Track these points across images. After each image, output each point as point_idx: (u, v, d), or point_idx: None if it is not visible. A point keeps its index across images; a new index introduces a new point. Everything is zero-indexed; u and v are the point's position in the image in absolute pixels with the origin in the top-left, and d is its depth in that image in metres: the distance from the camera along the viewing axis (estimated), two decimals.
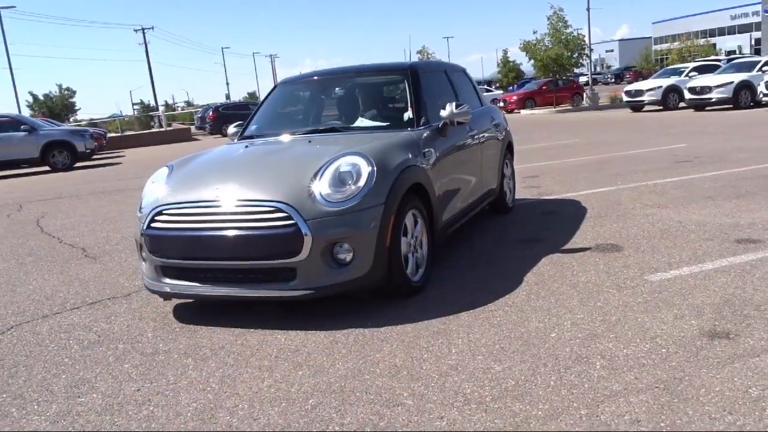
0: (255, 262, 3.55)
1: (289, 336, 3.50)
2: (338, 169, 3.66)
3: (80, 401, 2.93)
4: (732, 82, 18.86)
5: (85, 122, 37.18)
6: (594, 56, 60.69)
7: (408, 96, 4.67)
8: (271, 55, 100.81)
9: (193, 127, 33.92)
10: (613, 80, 59.37)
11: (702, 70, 21.72)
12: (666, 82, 21.46)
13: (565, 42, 25.64)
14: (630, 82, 34.17)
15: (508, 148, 6.45)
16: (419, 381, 2.82)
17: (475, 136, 5.31)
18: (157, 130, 32.43)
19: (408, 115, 4.55)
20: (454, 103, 4.57)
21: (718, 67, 21.69)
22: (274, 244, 3.48)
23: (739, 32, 62.60)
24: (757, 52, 50.20)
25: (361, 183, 3.59)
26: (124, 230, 7.26)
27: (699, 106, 19.68)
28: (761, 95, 17.83)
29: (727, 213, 5.57)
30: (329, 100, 5.18)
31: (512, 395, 2.62)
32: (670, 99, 21.20)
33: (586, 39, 27.48)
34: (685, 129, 14.44)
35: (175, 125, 37.15)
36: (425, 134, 4.40)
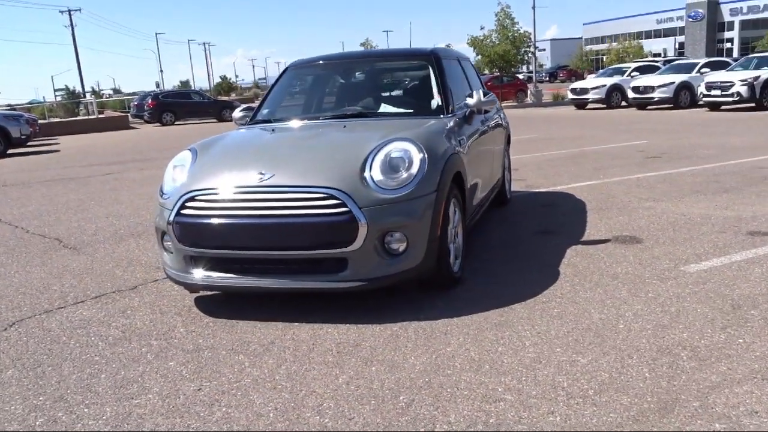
0: (303, 251, 3.34)
1: (341, 330, 3.32)
2: (389, 155, 3.49)
3: (136, 403, 2.67)
4: (673, 83, 19.63)
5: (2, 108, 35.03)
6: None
7: (434, 82, 4.53)
8: (205, 43, 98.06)
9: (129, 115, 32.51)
10: (547, 78, 60.94)
11: (643, 70, 22.52)
12: (609, 81, 22.12)
13: (512, 39, 26.04)
14: (564, 81, 35.03)
15: (507, 139, 6.43)
16: (508, 375, 2.71)
17: (489, 126, 5.23)
18: (87, 117, 30.84)
19: (436, 101, 4.42)
20: (481, 91, 4.47)
21: (658, 68, 22.54)
22: (326, 233, 3.29)
23: (665, 36, 65.44)
24: (681, 54, 52.57)
25: (414, 170, 3.43)
26: (96, 220, 6.82)
27: (642, 104, 20.39)
28: (701, 95, 18.61)
29: (724, 206, 5.71)
30: (349, 85, 4.98)
31: (613, 388, 2.54)
32: (614, 97, 21.88)
33: (532, 37, 27.97)
34: (635, 126, 14.89)
35: (108, 113, 35.50)
36: (456, 122, 4.28)
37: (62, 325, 3.68)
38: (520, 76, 37.35)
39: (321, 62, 5.17)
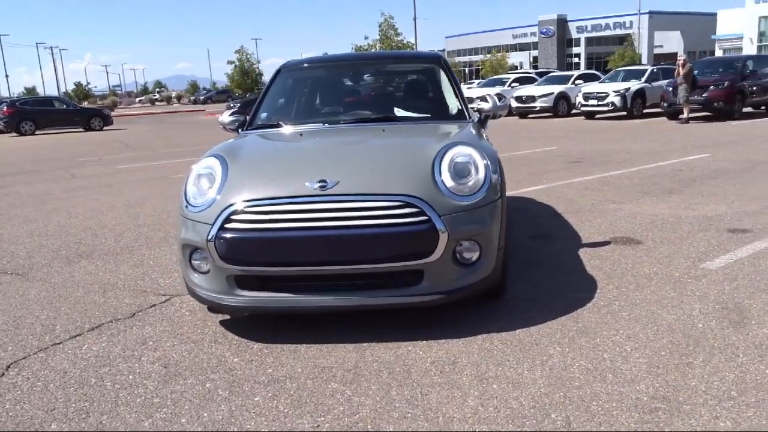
0: (376, 265, 3.07)
1: (420, 347, 3.10)
2: (453, 159, 3.32)
3: None
4: (553, 93, 20.88)
5: None
6: None
7: (450, 86, 4.41)
8: (53, 47, 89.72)
9: None
10: None
11: (522, 81, 23.76)
12: (493, 90, 23.08)
13: (396, 49, 26.44)
14: None
15: None
16: (639, 383, 2.64)
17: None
18: None
19: (456, 106, 4.30)
20: (495, 95, 4.39)
21: (535, 79, 23.86)
22: (403, 244, 3.05)
23: (520, 50, 69.68)
24: (535, 68, 56.13)
25: (481, 175, 3.29)
26: (19, 241, 6.00)
27: (524, 113, 21.44)
28: (579, 105, 19.93)
29: (683, 207, 6.07)
30: (357, 88, 4.72)
31: (751, 387, 2.55)
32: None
33: (415, 47, 28.61)
34: (532, 134, 15.62)
35: None
36: (477, 127, 4.19)
37: (76, 363, 3.13)
38: None
39: (320, 64, 4.87)
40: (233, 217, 3.12)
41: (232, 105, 34.29)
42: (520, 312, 3.49)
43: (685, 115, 16.29)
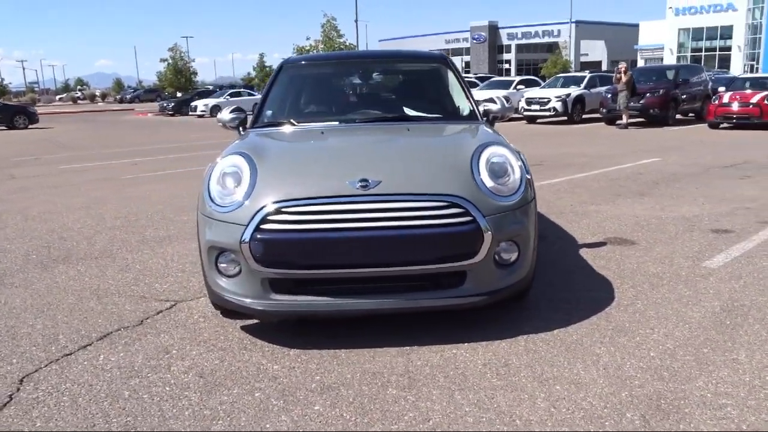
0: (419, 267, 3.01)
1: (466, 349, 3.06)
2: (489, 159, 3.30)
3: None
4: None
5: None
6: None
7: (460, 87, 4.39)
8: None
9: None
10: None
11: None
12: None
13: (338, 50, 26.29)
14: None
15: None
16: (707, 380, 2.67)
17: None
18: None
19: (468, 106, 4.27)
20: (502, 97, 4.41)
21: (476, 84, 24.25)
22: (449, 245, 3.00)
23: (453, 55, 70.68)
24: (467, 73, 57.09)
25: (517, 176, 3.28)
26: None
27: None
28: (522, 109, 20.39)
29: (659, 208, 6.28)
30: (366, 87, 4.61)
31: None
32: None
33: (357, 49, 28.53)
34: None
35: None
36: (491, 127, 4.19)
37: (99, 375, 2.92)
38: None
39: (323, 62, 4.75)
40: (270, 217, 2.98)
41: (165, 105, 33.39)
42: (548, 312, 3.49)
43: (624, 121, 16.93)
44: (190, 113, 31.75)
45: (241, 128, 4.39)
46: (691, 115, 19.09)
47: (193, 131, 21.63)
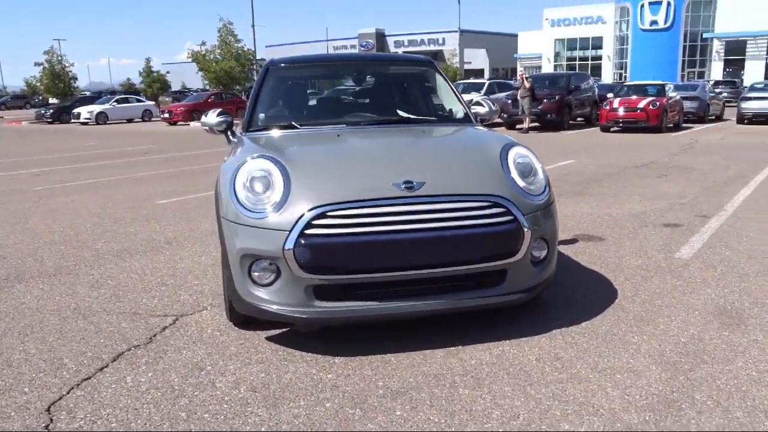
0: (466, 266, 3.04)
1: (512, 345, 3.12)
2: (515, 160, 3.38)
3: None
4: None
5: None
6: None
7: (450, 90, 4.45)
8: None
9: None
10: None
11: None
12: None
13: (236, 55, 25.67)
14: None
15: None
16: (747, 360, 2.88)
17: None
18: None
19: (462, 109, 4.34)
20: (490, 101, 4.53)
21: None
22: (493, 244, 3.05)
23: None
24: None
25: (542, 175, 3.39)
26: None
27: None
28: None
29: (605, 206, 6.67)
30: (358, 90, 4.53)
31: None
32: None
33: (254, 54, 27.94)
34: None
35: None
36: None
37: (139, 398, 2.72)
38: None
39: (313, 64, 4.64)
40: (315, 222, 2.89)
41: (43, 112, 31.14)
42: (564, 307, 3.62)
43: (525, 126, 17.78)
44: (73, 120, 29.82)
45: (229, 132, 4.21)
46: (581, 119, 20.32)
47: (84, 139, 20.38)
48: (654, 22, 45.08)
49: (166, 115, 26.93)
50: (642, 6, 45.42)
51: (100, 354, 3.18)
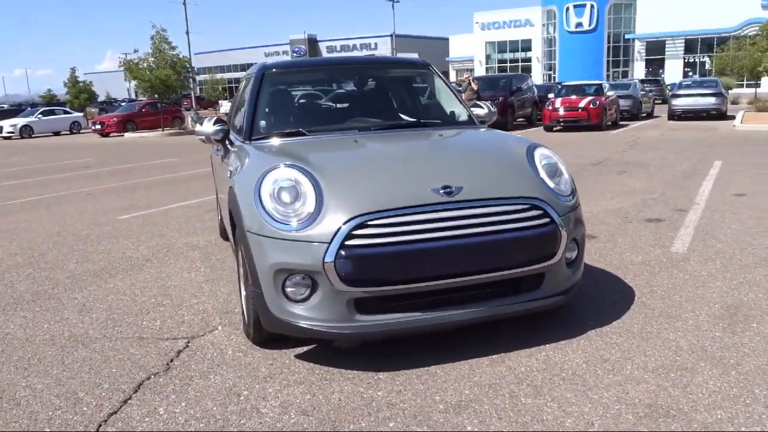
0: (507, 271, 2.98)
1: (553, 350, 3.07)
2: (541, 161, 3.35)
3: None
4: None
5: None
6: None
7: (451, 93, 4.39)
8: None
9: None
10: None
11: None
12: None
13: (171, 63, 24.87)
14: (188, 109, 34.31)
15: None
16: None
17: None
18: None
19: (465, 112, 4.28)
20: (489, 103, 4.50)
21: None
22: (534, 247, 3.00)
23: None
24: None
25: (567, 176, 3.37)
26: None
27: None
28: None
29: (582, 203, 6.73)
30: (359, 93, 4.38)
31: None
32: None
33: (190, 61, 27.14)
34: None
35: None
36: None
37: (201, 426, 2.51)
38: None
39: (310, 68, 4.49)
40: (355, 232, 2.76)
41: None
42: (589, 306, 3.61)
43: None
44: None
45: (226, 141, 4.02)
46: (522, 120, 20.74)
47: (11, 155, 19.38)
48: (579, 24, 46.63)
49: (98, 127, 25.86)
50: (567, 9, 46.90)
51: (117, 385, 2.94)
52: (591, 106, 17.49)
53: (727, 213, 5.91)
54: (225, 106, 43.36)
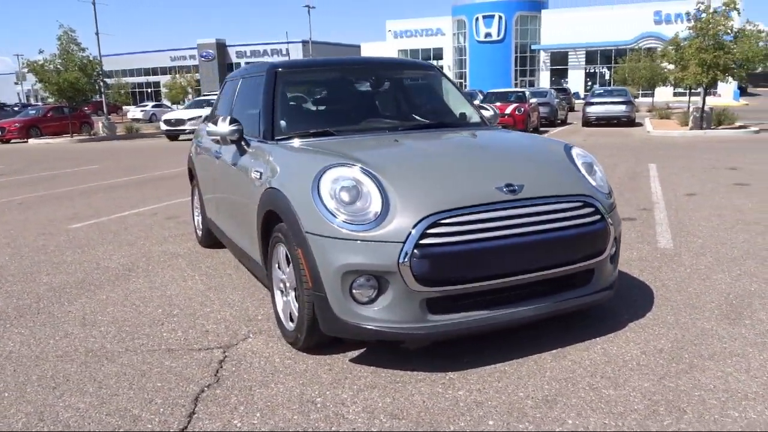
0: (565, 268, 3.05)
1: (608, 343, 3.16)
2: (579, 158, 3.45)
3: None
4: (201, 116, 21.18)
5: None
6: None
7: (459, 94, 4.44)
8: None
9: None
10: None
11: None
12: (205, 112, 22.33)
13: (81, 66, 23.52)
14: (92, 113, 32.71)
15: None
16: None
17: None
18: None
19: (474, 112, 4.35)
20: (492, 105, 4.59)
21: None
22: (590, 243, 3.08)
23: (179, 72, 67.98)
24: (198, 92, 55.52)
25: (602, 174, 3.49)
26: None
27: (174, 136, 21.86)
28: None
29: None
30: (374, 94, 4.29)
31: None
32: None
33: (100, 64, 25.77)
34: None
35: None
36: None
37: None
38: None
39: (321, 68, 4.37)
40: (429, 231, 2.74)
41: None
42: (617, 300, 3.72)
43: None
44: None
45: (242, 142, 3.87)
46: None
47: None
48: (488, 35, 48.24)
49: None
50: (477, 19, 48.43)
51: (171, 399, 2.77)
52: (516, 112, 18.10)
53: (689, 211, 6.28)
54: (133, 111, 41.60)
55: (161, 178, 11.22)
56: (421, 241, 2.71)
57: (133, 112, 40.43)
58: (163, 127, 22.09)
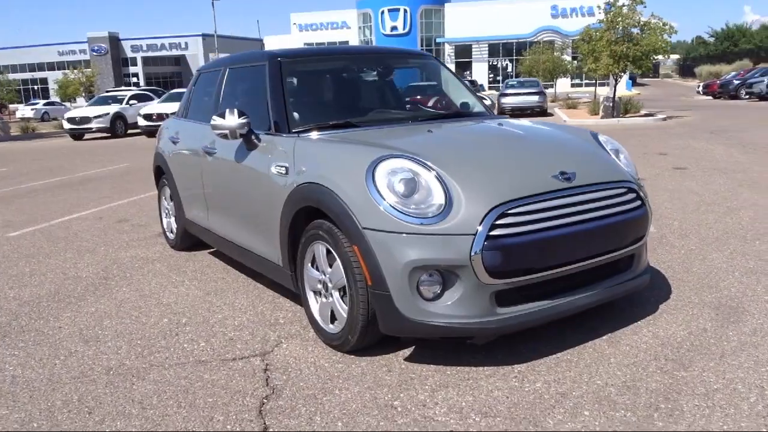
0: (615, 254, 3.08)
1: (646, 325, 3.23)
2: (607, 144, 3.50)
3: None
4: (108, 113, 20.48)
5: None
6: None
7: (460, 84, 4.41)
8: None
9: None
10: None
11: (140, 98, 22.44)
12: (112, 109, 21.15)
13: None
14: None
15: None
16: None
17: None
18: None
19: (479, 102, 4.33)
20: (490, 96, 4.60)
21: (152, 97, 22.82)
22: (636, 229, 3.13)
23: (68, 68, 63.94)
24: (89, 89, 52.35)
25: (628, 160, 3.54)
26: None
27: (79, 134, 20.67)
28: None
29: None
30: (379, 84, 4.16)
31: None
32: (118, 126, 21.06)
33: None
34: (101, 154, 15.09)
35: None
36: None
37: None
38: None
39: (325, 57, 4.18)
40: (498, 222, 2.69)
41: None
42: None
43: None
44: None
45: (252, 136, 3.65)
46: None
47: None
48: (394, 28, 48.58)
49: None
50: (382, 12, 48.63)
51: (234, 415, 2.57)
52: (438, 105, 18.27)
53: (649, 195, 6.53)
54: (23, 110, 38.83)
55: (86, 179, 10.52)
56: (491, 233, 2.63)
57: (23, 110, 37.68)
58: (67, 125, 20.73)
